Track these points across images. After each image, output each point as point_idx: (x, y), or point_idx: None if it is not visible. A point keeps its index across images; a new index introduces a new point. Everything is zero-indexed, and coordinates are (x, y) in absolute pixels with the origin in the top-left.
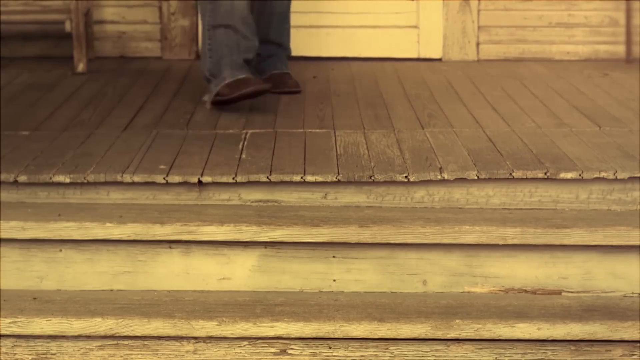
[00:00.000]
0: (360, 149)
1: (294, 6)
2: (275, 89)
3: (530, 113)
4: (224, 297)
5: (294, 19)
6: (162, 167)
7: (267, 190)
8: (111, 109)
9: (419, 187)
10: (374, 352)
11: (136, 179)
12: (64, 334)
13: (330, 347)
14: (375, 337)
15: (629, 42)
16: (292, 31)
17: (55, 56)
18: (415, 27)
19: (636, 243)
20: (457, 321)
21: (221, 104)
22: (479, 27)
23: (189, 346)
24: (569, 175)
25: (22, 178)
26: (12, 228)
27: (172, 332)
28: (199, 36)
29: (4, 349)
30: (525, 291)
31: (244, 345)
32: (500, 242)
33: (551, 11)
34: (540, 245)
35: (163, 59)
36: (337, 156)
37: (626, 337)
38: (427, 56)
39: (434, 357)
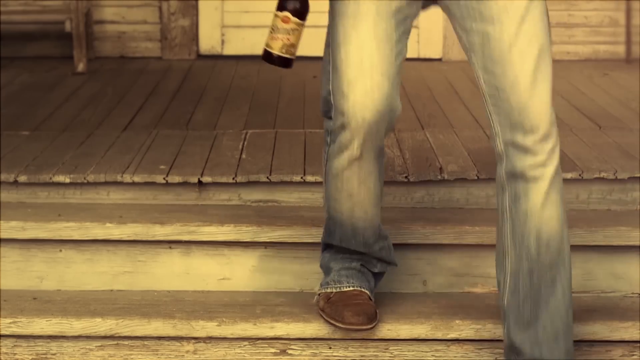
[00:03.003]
0: None
1: None
2: None
3: None
4: (224, 297)
5: None
6: (162, 167)
7: (267, 190)
8: (111, 109)
9: (419, 187)
10: (374, 352)
11: (136, 179)
12: (64, 334)
13: (330, 347)
14: (375, 337)
15: (629, 42)
16: None
17: (55, 56)
18: (415, 27)
19: (636, 243)
20: (457, 321)
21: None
22: None
23: (189, 346)
24: (569, 175)
25: (22, 178)
26: (12, 228)
27: (172, 332)
28: (199, 36)
29: (4, 349)
30: None
31: (244, 345)
32: None
33: (551, 11)
34: None
35: (163, 59)
36: None
37: (626, 337)
38: (427, 56)
39: (434, 357)
